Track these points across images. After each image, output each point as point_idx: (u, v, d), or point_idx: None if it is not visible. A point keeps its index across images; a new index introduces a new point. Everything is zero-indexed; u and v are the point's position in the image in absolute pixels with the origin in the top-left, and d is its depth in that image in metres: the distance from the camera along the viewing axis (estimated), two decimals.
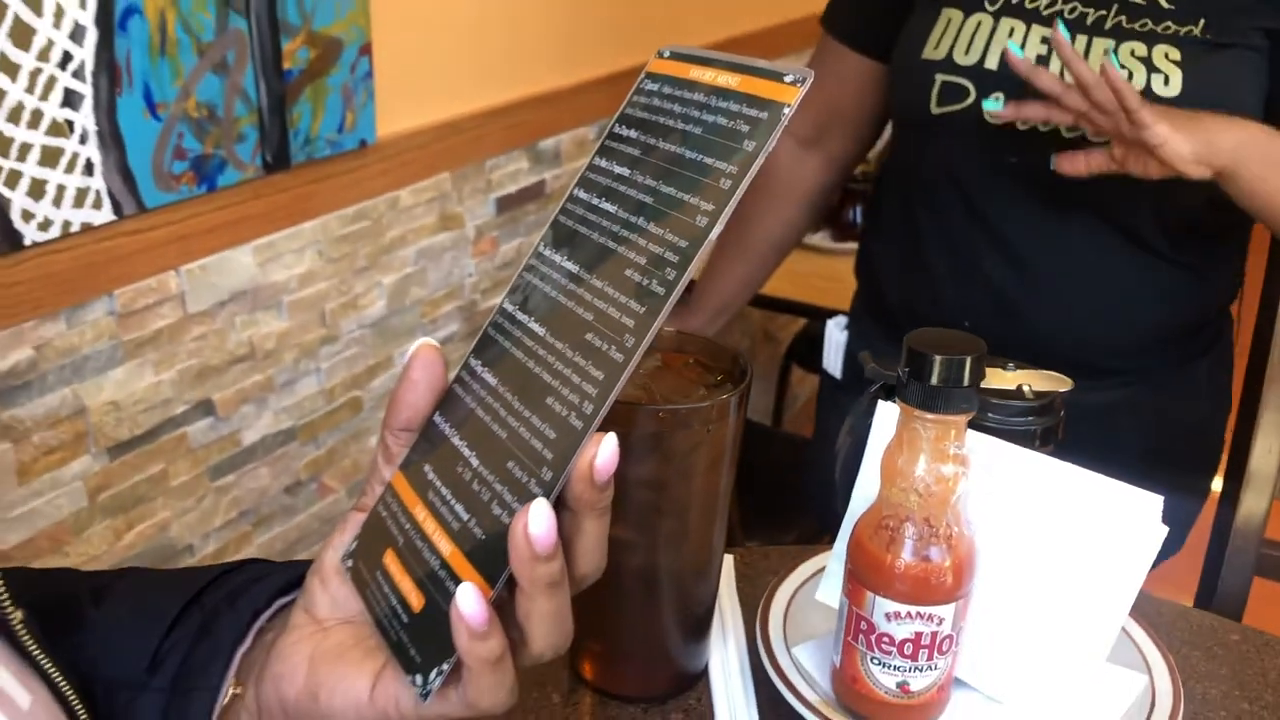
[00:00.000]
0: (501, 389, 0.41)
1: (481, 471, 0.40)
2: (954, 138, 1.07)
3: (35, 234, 1.00)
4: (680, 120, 0.41)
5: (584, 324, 0.39)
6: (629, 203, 0.41)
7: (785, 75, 0.38)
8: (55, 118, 0.98)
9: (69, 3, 0.97)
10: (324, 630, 0.43)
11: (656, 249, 0.38)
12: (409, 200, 1.42)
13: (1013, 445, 0.57)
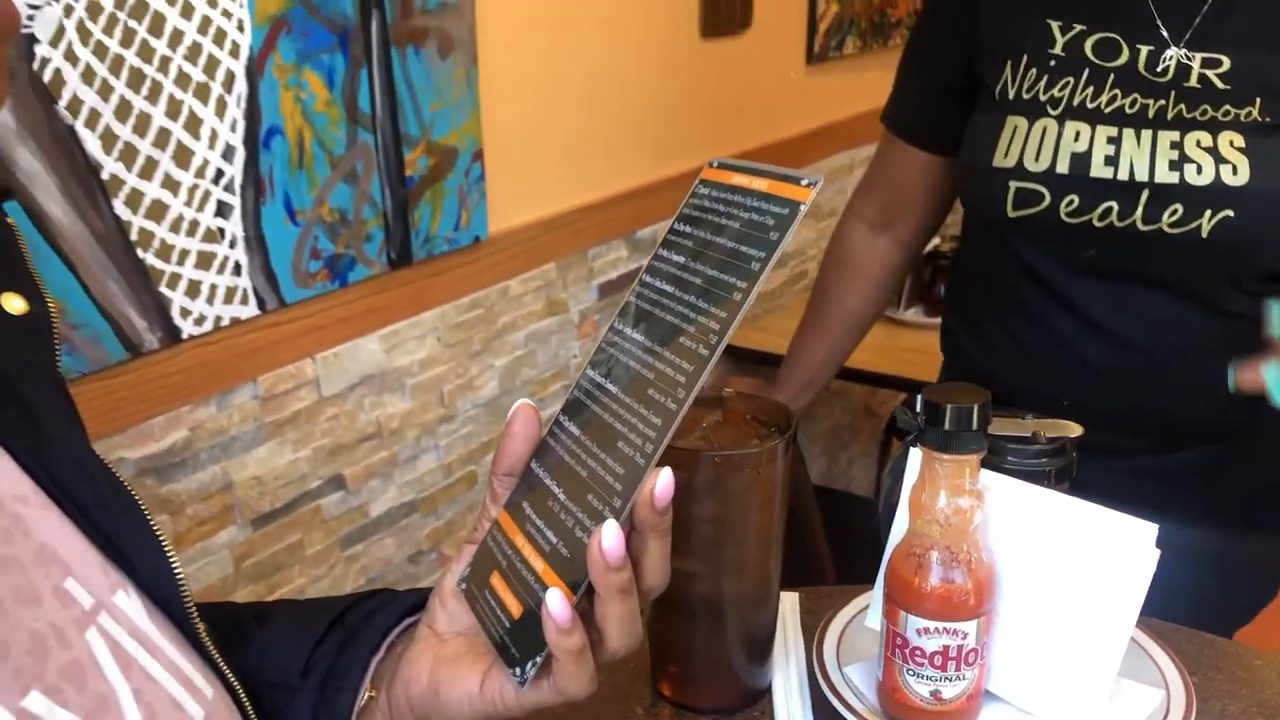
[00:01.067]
0: (583, 437, 0.50)
1: (567, 504, 0.49)
2: (1031, 234, 1.11)
3: (191, 328, 1.13)
4: (723, 217, 0.50)
5: (647, 382, 0.48)
6: (684, 285, 0.50)
7: (802, 180, 0.46)
8: (209, 226, 1.13)
9: (221, 126, 1.11)
10: (443, 641, 0.53)
11: (703, 320, 0.47)
12: (518, 289, 1.54)
13: (1026, 483, 0.64)
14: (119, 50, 1.01)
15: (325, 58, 1.21)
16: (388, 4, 1.26)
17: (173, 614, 0.50)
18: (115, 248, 1.05)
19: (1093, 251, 1.09)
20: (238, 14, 1.11)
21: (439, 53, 1.34)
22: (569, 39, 1.57)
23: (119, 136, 1.03)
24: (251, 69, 1.13)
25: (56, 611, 0.43)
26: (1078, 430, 0.68)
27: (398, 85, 1.29)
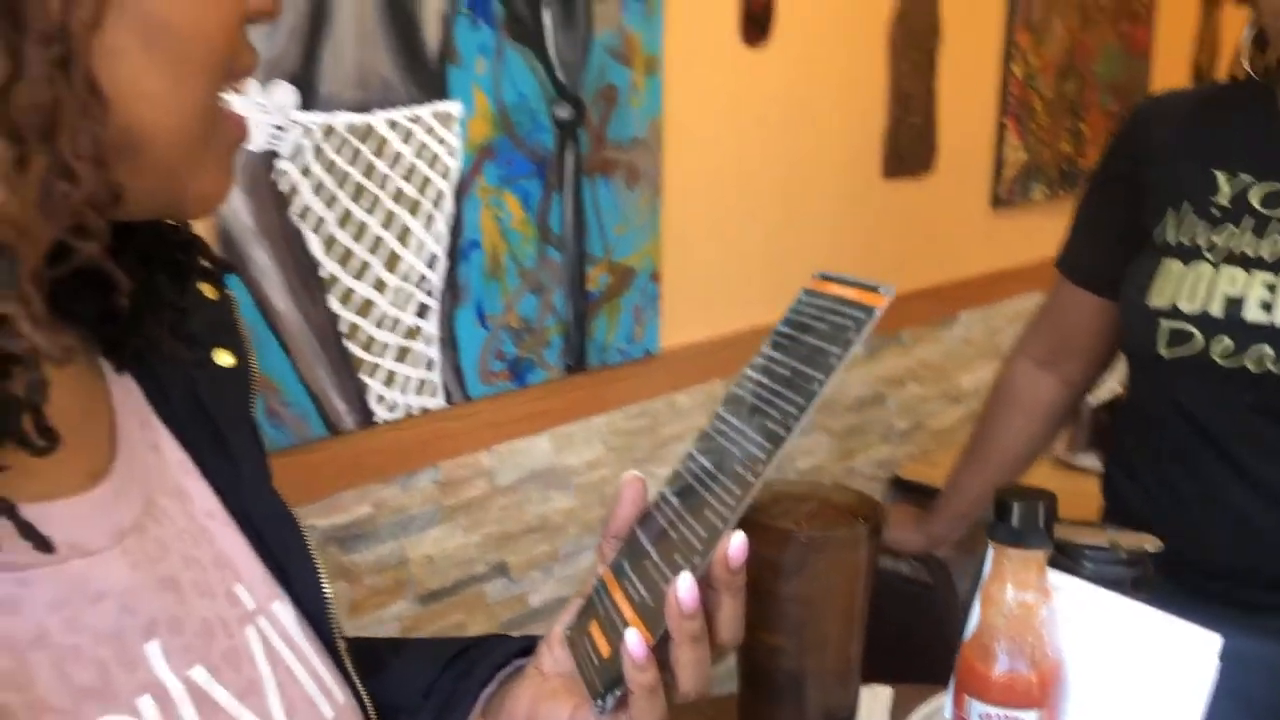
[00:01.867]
0: (679, 506, 0.57)
1: (658, 561, 0.56)
2: (1185, 376, 1.12)
3: (385, 414, 1.26)
4: (814, 320, 0.57)
5: (734, 459, 0.55)
6: (773, 375, 0.57)
7: (879, 289, 0.53)
8: (409, 324, 1.26)
9: (428, 238, 1.26)
10: (545, 679, 0.60)
11: (784, 405, 0.54)
12: (686, 402, 1.62)
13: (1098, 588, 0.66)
14: (346, 167, 1.17)
15: (524, 183, 1.35)
16: (582, 138, 1.40)
17: (319, 628, 0.59)
18: (326, 337, 1.19)
19: (1249, 397, 1.08)
20: (451, 142, 1.26)
21: (626, 182, 1.47)
22: (751, 174, 1.68)
23: (339, 241, 1.18)
24: (459, 189, 1.28)
25: (225, 608, 0.53)
26: (1158, 545, 0.70)
27: (586, 209, 1.42)
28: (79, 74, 0.39)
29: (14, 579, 0.44)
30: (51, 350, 0.40)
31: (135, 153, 0.43)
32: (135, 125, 0.43)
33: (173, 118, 0.44)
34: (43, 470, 0.45)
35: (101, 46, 0.41)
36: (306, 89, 1.12)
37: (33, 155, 0.39)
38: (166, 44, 0.42)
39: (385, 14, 1.17)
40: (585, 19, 1.38)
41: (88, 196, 0.41)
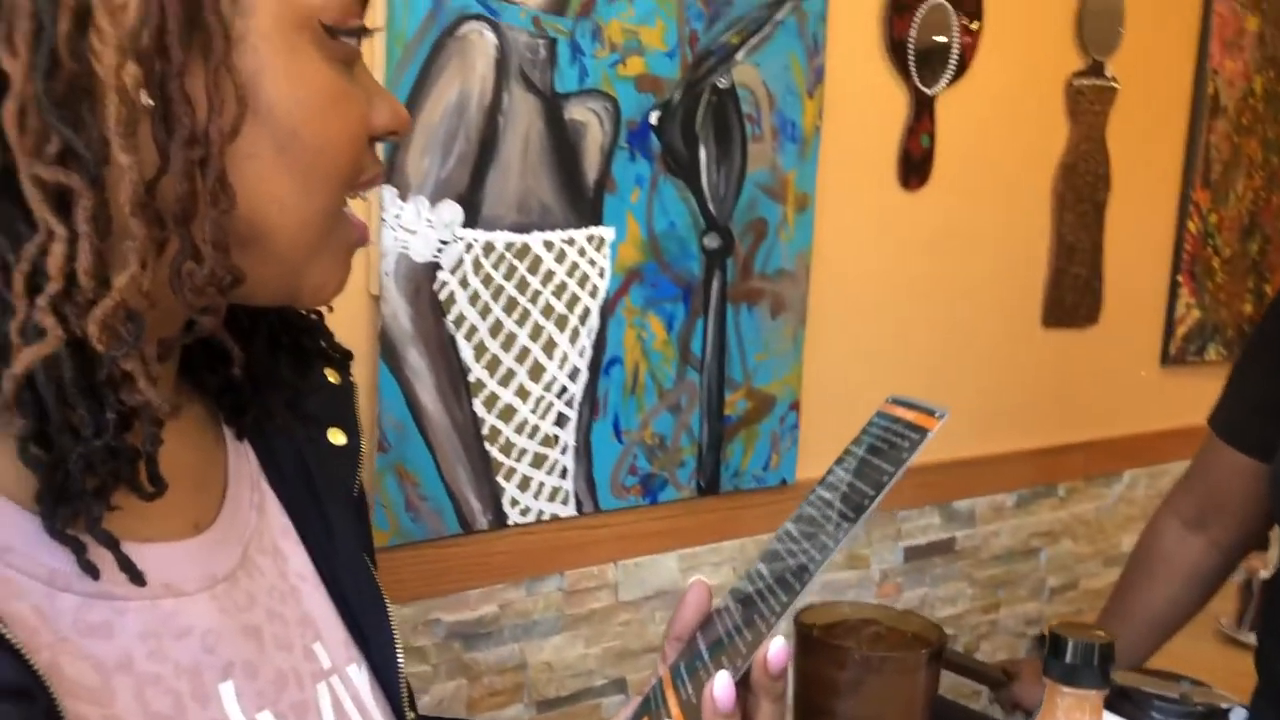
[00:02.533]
0: (736, 613, 0.60)
1: (708, 663, 0.58)
2: None
3: (516, 517, 1.32)
4: (877, 439, 0.60)
5: (787, 567, 0.57)
6: (833, 489, 0.59)
7: (935, 412, 0.56)
8: (547, 432, 1.32)
9: (572, 351, 1.32)
10: None
11: (837, 518, 0.56)
12: None
13: None
14: (501, 281, 1.25)
15: (668, 306, 1.41)
16: (730, 267, 1.45)
17: (390, 695, 0.63)
18: (468, 439, 1.26)
19: None
20: (601, 263, 1.33)
21: (770, 312, 1.51)
22: (901, 313, 1.69)
23: (488, 349, 1.26)
24: (605, 308, 1.35)
25: (301, 662, 0.58)
26: (1232, 700, 0.66)
27: (729, 335, 1.47)
28: (213, 173, 0.46)
29: (110, 607, 0.50)
30: (163, 408, 0.46)
31: (259, 244, 0.50)
32: (262, 221, 0.50)
33: (296, 217, 0.51)
34: (153, 515, 0.52)
35: (238, 150, 0.48)
36: (471, 209, 1.21)
37: (169, 239, 0.46)
38: (296, 154, 0.49)
39: (549, 146, 1.27)
40: (740, 157, 1.45)
41: (212, 278, 0.47)
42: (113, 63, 0.44)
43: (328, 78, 0.51)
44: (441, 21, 1.17)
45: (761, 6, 1.43)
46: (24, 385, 0.45)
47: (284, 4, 0.49)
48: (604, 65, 1.30)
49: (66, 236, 0.44)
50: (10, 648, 0.43)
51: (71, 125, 0.44)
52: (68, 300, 0.45)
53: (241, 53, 0.48)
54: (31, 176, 0.44)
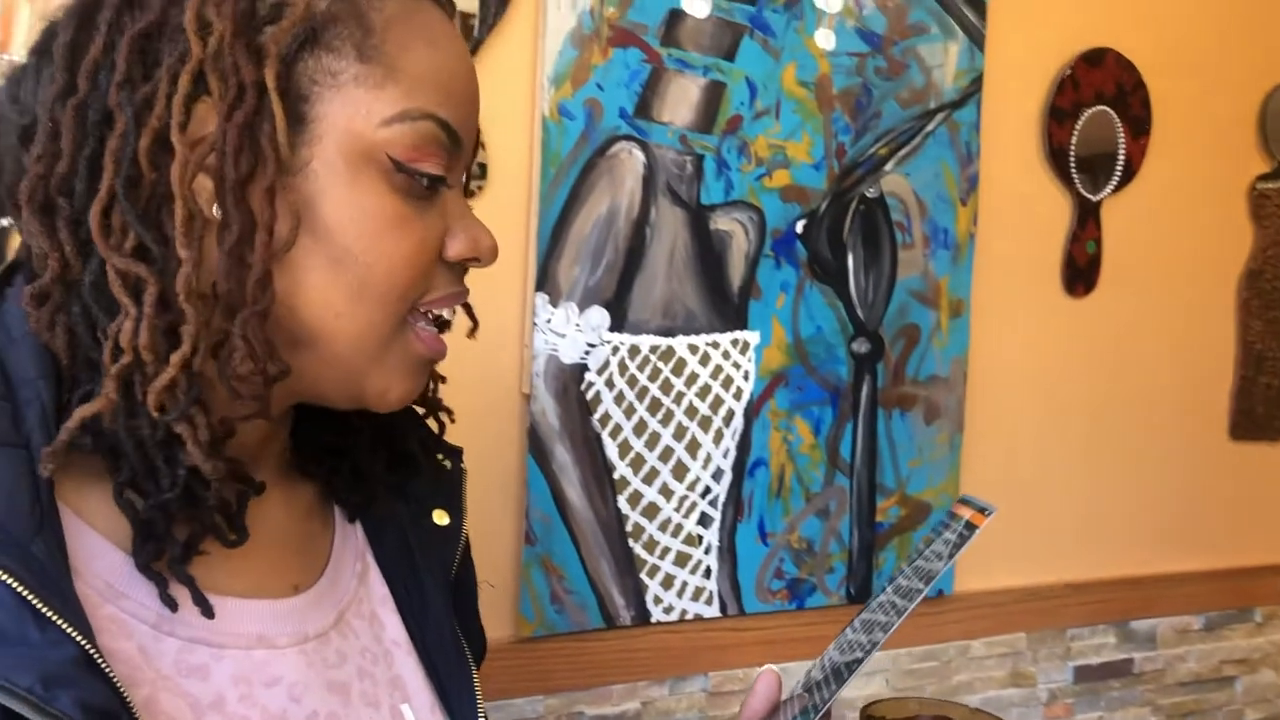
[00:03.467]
0: (797, 699, 0.62)
1: None
2: None
3: (660, 615, 1.34)
4: (938, 536, 0.63)
5: (845, 653, 0.59)
6: (897, 585, 0.62)
7: (985, 510, 0.58)
8: (691, 532, 1.35)
9: (715, 452, 1.36)
10: None
11: (890, 607, 0.59)
12: (981, 651, 1.57)
13: None
14: (645, 383, 1.30)
15: (815, 409, 1.42)
16: (880, 372, 1.46)
17: None
18: (613, 535, 1.31)
19: None
20: (745, 367, 1.37)
21: (924, 417, 1.50)
22: (1067, 424, 1.64)
23: (632, 447, 1.30)
24: (749, 410, 1.38)
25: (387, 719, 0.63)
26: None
27: (879, 441, 1.47)
28: (255, 275, 0.53)
29: (209, 653, 0.56)
30: (212, 471, 0.53)
31: (317, 347, 0.57)
32: (319, 326, 0.56)
33: (351, 326, 0.57)
34: (255, 574, 0.59)
35: (295, 261, 0.55)
36: (618, 313, 1.28)
37: (218, 329, 0.53)
38: (350, 270, 0.56)
39: (694, 254, 1.33)
40: (890, 264, 1.47)
41: (256, 368, 0.54)
42: (183, 175, 0.52)
43: (388, 204, 0.56)
44: (593, 142, 1.25)
45: (911, 119, 1.47)
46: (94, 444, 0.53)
47: (351, 136, 0.55)
48: (749, 178, 1.36)
49: (136, 317, 0.52)
50: (105, 678, 0.50)
51: (145, 225, 0.53)
52: (137, 370, 0.52)
53: (304, 177, 0.55)
54: (113, 266, 0.52)
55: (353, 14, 0.56)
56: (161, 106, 0.53)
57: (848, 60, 1.41)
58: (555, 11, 1.22)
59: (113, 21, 0.54)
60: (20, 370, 0.54)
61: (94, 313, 0.53)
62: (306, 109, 0.55)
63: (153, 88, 0.53)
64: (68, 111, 0.53)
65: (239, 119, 0.53)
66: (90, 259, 0.53)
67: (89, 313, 0.54)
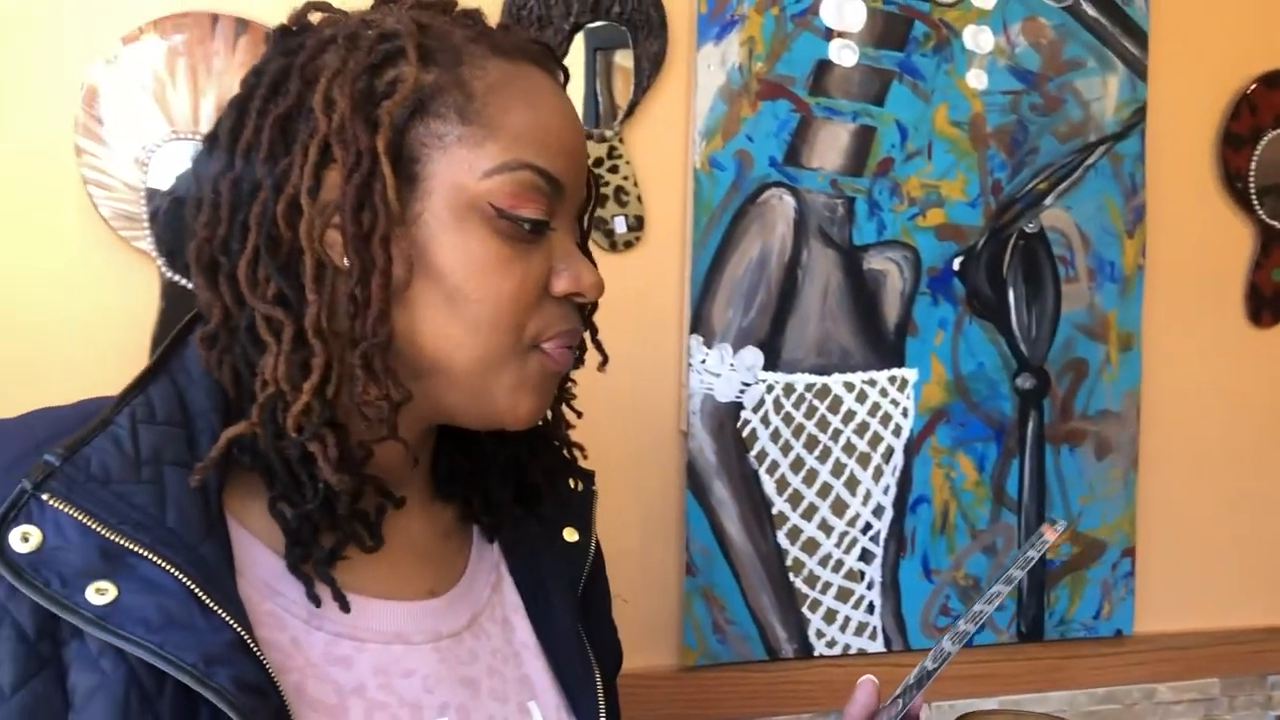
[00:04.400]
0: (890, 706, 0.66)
1: None
2: None
3: (823, 649, 1.37)
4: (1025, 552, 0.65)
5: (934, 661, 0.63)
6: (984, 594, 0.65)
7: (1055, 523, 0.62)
8: (852, 567, 1.37)
9: (875, 489, 1.38)
10: None
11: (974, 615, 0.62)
12: (1168, 696, 1.51)
13: None
14: (802, 420, 1.34)
15: (979, 446, 1.43)
16: (1047, 408, 1.45)
17: None
18: (773, 569, 1.34)
19: None
20: (904, 404, 1.39)
21: (1095, 453, 1.47)
22: (1260, 462, 1.57)
23: (790, 484, 1.34)
24: (909, 447, 1.39)
25: (513, 714, 0.70)
26: None
27: (1048, 477, 1.45)
28: (374, 313, 0.62)
29: (353, 645, 0.65)
30: (339, 485, 0.62)
31: (442, 375, 0.65)
32: (441, 356, 0.65)
33: (469, 354, 0.65)
34: (395, 580, 0.68)
35: (415, 299, 0.63)
36: (772, 353, 1.33)
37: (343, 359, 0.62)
38: (462, 306, 0.64)
39: (848, 294, 1.36)
40: (1053, 298, 1.46)
41: (380, 395, 0.62)
42: (309, 231, 0.62)
43: (492, 248, 0.64)
44: (744, 191, 1.32)
45: (1071, 153, 1.47)
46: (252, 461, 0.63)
47: (456, 189, 0.63)
48: (902, 218, 1.39)
49: (276, 353, 0.62)
50: (257, 660, 0.58)
51: (283, 276, 0.62)
52: (279, 399, 0.62)
53: (418, 227, 0.63)
54: (258, 311, 0.62)
55: (457, 84, 0.64)
56: (295, 175, 0.62)
57: (1001, 98, 1.43)
58: (706, 71, 1.30)
59: (261, 108, 0.64)
60: (196, 404, 0.64)
61: (249, 352, 0.64)
62: (418, 169, 0.64)
63: (289, 160, 0.63)
64: (226, 184, 0.64)
65: (357, 181, 0.62)
66: (244, 307, 0.63)
67: (245, 352, 0.64)
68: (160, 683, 0.56)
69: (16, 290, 1.08)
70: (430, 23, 0.66)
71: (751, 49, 1.32)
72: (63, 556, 0.57)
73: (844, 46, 1.36)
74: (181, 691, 0.56)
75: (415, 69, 0.63)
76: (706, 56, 1.30)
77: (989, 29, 1.42)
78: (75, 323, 1.09)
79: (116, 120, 1.09)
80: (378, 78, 0.63)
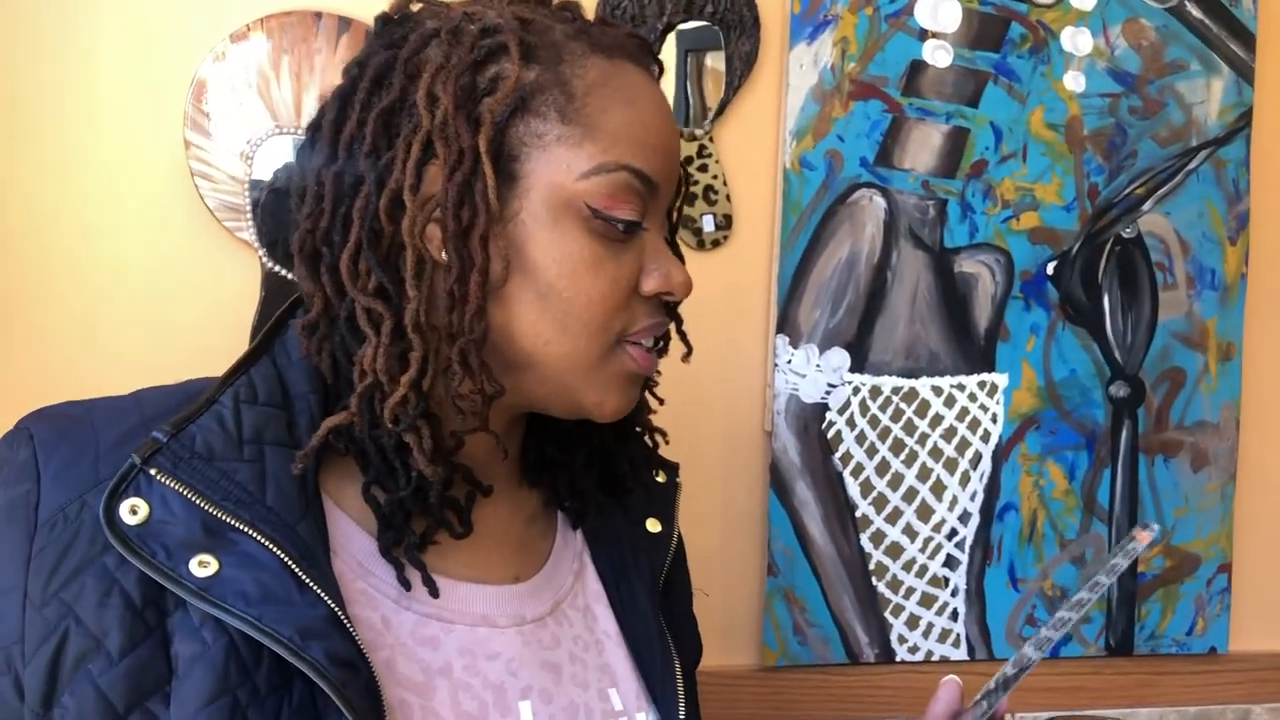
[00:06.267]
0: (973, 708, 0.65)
1: None
2: None
3: (904, 654, 1.35)
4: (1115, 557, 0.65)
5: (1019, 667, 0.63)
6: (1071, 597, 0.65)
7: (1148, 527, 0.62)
8: (936, 573, 1.36)
9: (962, 495, 1.36)
10: None
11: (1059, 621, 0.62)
12: (1264, 717, 1.46)
13: None
14: (888, 423, 1.33)
15: (1069, 454, 1.40)
16: (1141, 417, 1.42)
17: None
18: (855, 572, 1.33)
19: None
20: (993, 409, 1.37)
21: (1191, 465, 1.44)
22: None
23: (875, 487, 1.33)
24: (997, 454, 1.37)
25: (595, 700, 0.70)
26: None
27: (1141, 488, 1.42)
28: (471, 309, 0.63)
29: (440, 626, 0.66)
30: (433, 475, 0.63)
31: (533, 369, 0.66)
32: (532, 351, 0.65)
33: (559, 350, 0.65)
34: (483, 564, 0.69)
35: (509, 296, 0.64)
36: (859, 355, 1.32)
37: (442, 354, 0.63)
38: (555, 303, 0.65)
39: (938, 297, 1.35)
40: (1150, 306, 1.43)
41: (474, 387, 0.63)
42: (411, 227, 0.63)
43: (586, 247, 0.64)
44: (834, 191, 1.31)
45: (1171, 157, 1.43)
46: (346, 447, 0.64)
47: (553, 188, 0.64)
48: (995, 221, 1.37)
49: (375, 345, 0.63)
50: (349, 635, 0.60)
51: (384, 269, 0.63)
52: (376, 389, 0.63)
53: (516, 225, 0.64)
54: (359, 303, 0.63)
55: (557, 82, 0.65)
56: (398, 170, 0.63)
57: (1099, 101, 1.40)
58: (798, 70, 1.30)
59: (364, 101, 0.65)
60: (296, 386, 0.66)
61: (348, 342, 0.65)
62: (517, 167, 0.64)
63: (392, 155, 0.64)
64: (329, 177, 0.65)
65: (458, 179, 0.62)
66: (345, 298, 0.65)
67: (345, 342, 0.65)
68: (258, 654, 0.58)
69: (130, 276, 1.13)
70: (531, 17, 0.67)
71: (845, 49, 1.31)
72: (168, 529, 0.59)
73: (938, 47, 1.35)
74: (277, 663, 0.58)
75: (517, 67, 0.64)
76: (799, 56, 1.30)
77: (1088, 30, 1.39)
78: (182, 308, 1.13)
79: (222, 115, 1.13)
80: (480, 74, 0.64)
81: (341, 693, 0.57)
